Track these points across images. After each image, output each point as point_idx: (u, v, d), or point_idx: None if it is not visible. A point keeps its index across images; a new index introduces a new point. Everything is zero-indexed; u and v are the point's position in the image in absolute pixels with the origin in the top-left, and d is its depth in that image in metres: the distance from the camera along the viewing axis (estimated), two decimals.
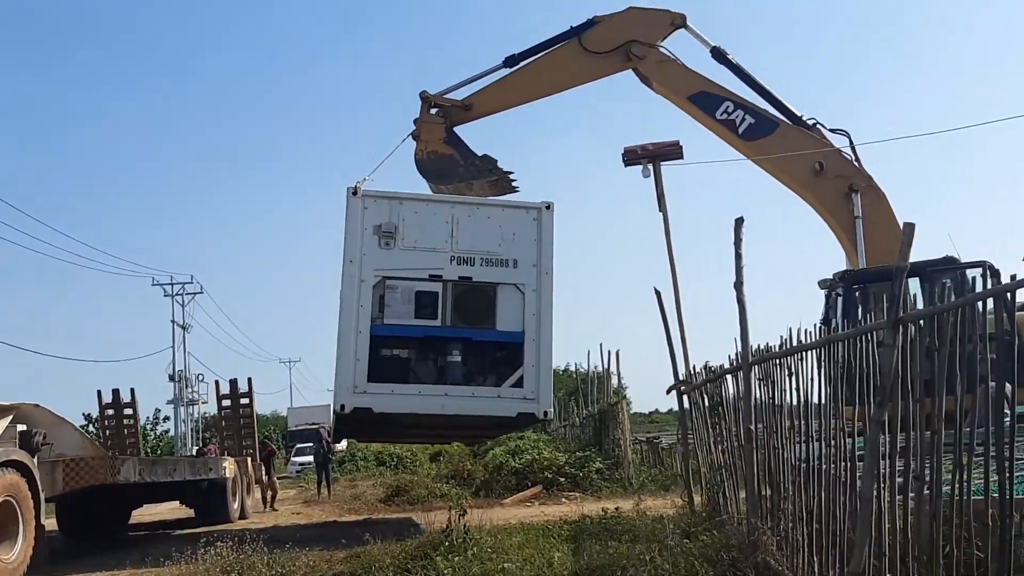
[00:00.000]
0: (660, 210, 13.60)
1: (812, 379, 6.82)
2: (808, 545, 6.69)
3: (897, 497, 5.43)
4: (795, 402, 7.07)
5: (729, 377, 9.11)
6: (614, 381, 24.52)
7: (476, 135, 15.55)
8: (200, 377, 53.05)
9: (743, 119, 15.15)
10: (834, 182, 14.83)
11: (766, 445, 7.79)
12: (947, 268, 13.04)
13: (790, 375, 7.15)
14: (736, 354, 8.45)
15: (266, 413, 55.29)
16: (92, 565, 11.49)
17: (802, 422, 6.98)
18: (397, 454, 32.42)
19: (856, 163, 15.02)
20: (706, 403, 10.65)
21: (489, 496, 19.11)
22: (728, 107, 15.21)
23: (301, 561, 8.77)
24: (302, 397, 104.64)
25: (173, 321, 52.10)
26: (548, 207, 12.81)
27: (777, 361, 7.44)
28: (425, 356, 12.74)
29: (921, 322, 5.34)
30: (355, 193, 12.60)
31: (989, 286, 11.55)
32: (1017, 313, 12.17)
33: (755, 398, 8.64)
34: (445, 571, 7.89)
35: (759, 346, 8.46)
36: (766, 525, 7.62)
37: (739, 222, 8.13)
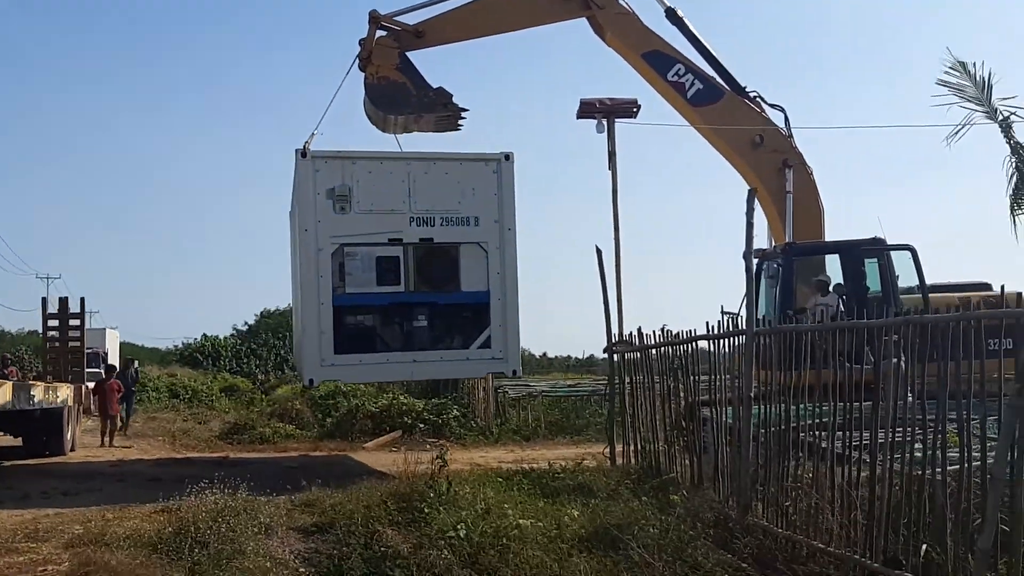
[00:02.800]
0: (609, 167, 13.57)
1: None
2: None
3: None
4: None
5: (705, 343, 9.30)
6: None
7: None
8: None
9: (692, 83, 15.24)
10: (771, 156, 15.18)
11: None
12: (875, 248, 13.75)
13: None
14: (724, 321, 8.79)
15: (11, 331, 52.29)
16: None
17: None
18: (192, 387, 32.22)
19: (790, 140, 15.45)
20: (652, 366, 10.87)
21: (345, 439, 18.90)
22: (679, 70, 15.25)
23: (268, 509, 8.30)
24: None
25: None
26: (507, 157, 12.51)
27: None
28: (391, 323, 12.49)
29: None
30: (304, 155, 12.06)
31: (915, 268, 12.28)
32: (936, 295, 13.05)
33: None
34: (453, 527, 7.65)
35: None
36: (755, 491, 7.88)
37: (752, 193, 8.34)
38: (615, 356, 12.26)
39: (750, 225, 8.76)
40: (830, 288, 13.69)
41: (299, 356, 12.91)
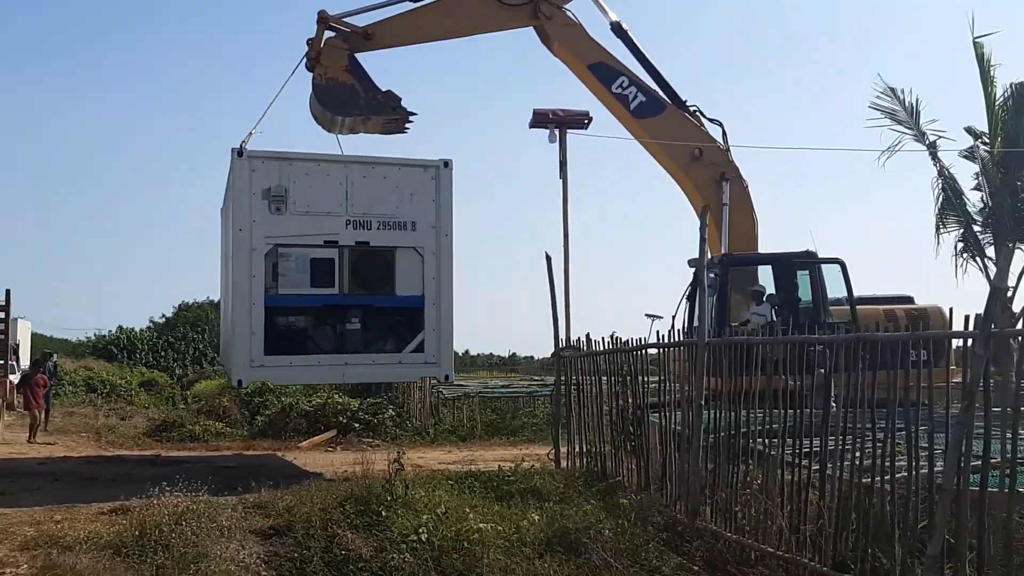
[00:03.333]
0: (560, 176, 13.85)
1: None
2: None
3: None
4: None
5: (656, 350, 9.63)
6: None
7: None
8: None
9: (636, 96, 15.60)
10: (709, 168, 15.64)
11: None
12: (806, 261, 14.40)
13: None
14: (676, 331, 9.16)
15: None
16: None
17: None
18: (110, 381, 31.55)
19: (727, 153, 15.97)
20: (600, 371, 11.17)
21: (279, 438, 18.79)
22: (623, 82, 15.60)
23: (227, 512, 8.25)
24: None
25: None
26: (446, 164, 12.59)
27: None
28: (323, 325, 12.42)
29: None
30: (241, 154, 11.94)
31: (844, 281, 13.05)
32: (862, 307, 13.72)
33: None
34: (414, 531, 7.74)
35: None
36: (704, 496, 8.21)
37: (706, 209, 8.69)
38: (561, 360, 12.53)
39: (703, 240, 9.13)
40: (764, 298, 14.27)
41: (228, 356, 12.70)
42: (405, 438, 18.73)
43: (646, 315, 17.80)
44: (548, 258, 12.20)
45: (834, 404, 7.13)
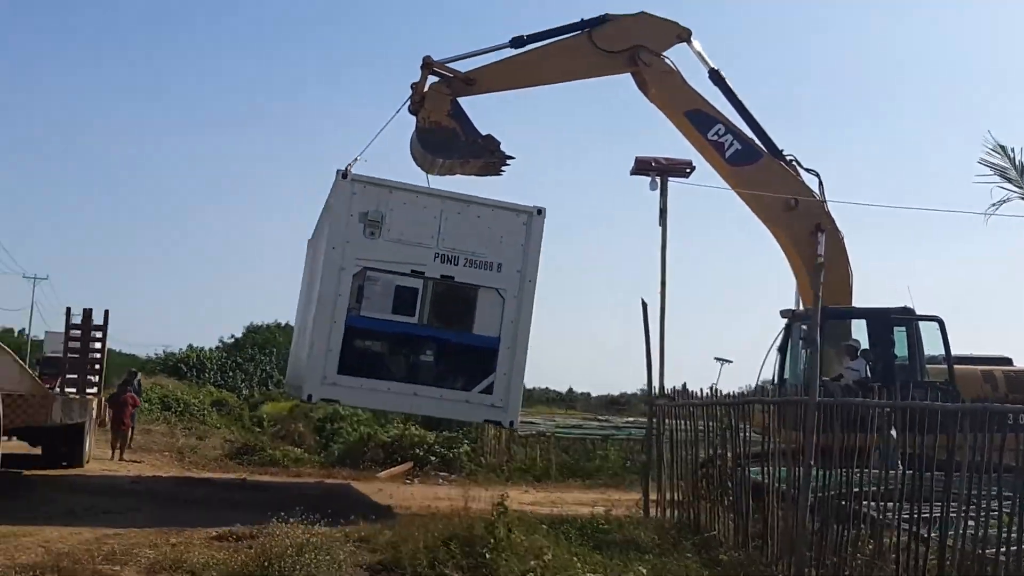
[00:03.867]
0: (660, 224, 13.88)
1: None
2: None
3: None
4: None
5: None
6: None
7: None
8: None
9: (731, 143, 15.59)
10: (804, 219, 15.50)
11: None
12: (904, 317, 14.14)
13: None
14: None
15: None
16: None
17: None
18: (184, 400, 31.99)
19: (823, 204, 15.84)
20: (696, 424, 11.12)
21: (356, 467, 19.00)
22: (720, 129, 15.61)
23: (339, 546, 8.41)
24: (42, 319, 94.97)
25: None
26: (540, 212, 12.74)
27: None
28: (398, 352, 12.58)
29: None
30: (345, 176, 12.30)
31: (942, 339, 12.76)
32: (960, 367, 13.45)
33: None
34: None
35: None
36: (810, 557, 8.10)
37: (820, 266, 8.65)
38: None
39: (817, 297, 9.08)
40: (858, 353, 14.05)
41: (299, 371, 12.89)
42: (479, 475, 18.78)
43: (715, 358, 17.71)
44: (644, 305, 12.25)
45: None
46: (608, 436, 21.89)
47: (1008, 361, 14.95)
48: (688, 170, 14.45)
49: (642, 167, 14.15)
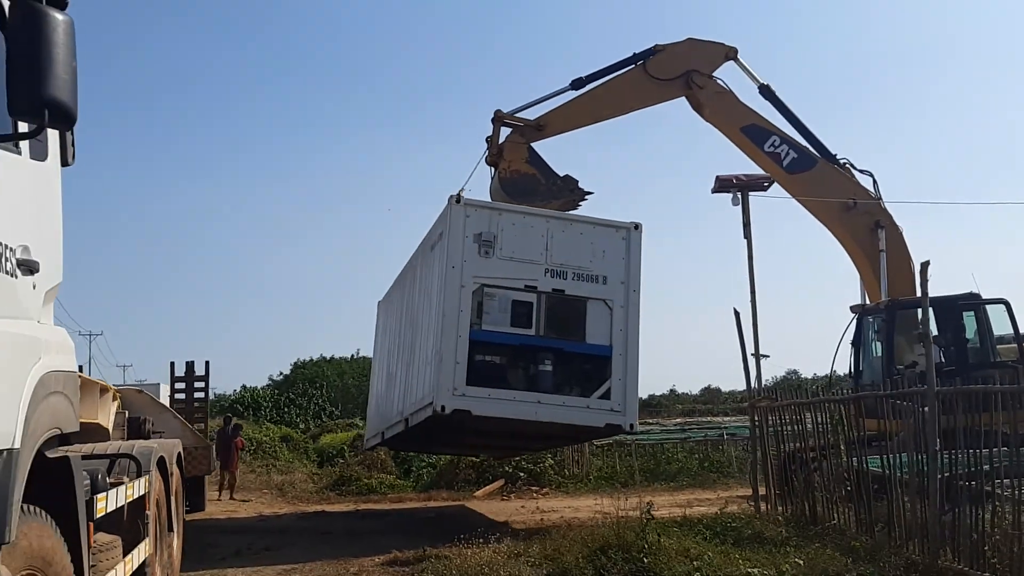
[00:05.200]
0: (745, 236, 14.76)
1: None
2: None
3: None
4: None
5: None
6: None
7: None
8: None
9: (787, 153, 16.48)
10: (863, 218, 16.35)
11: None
12: (971, 303, 14.91)
13: None
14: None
15: None
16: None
17: None
18: (256, 438, 32.10)
19: (880, 202, 16.67)
20: (804, 421, 11.95)
21: (451, 488, 19.88)
22: (775, 141, 16.50)
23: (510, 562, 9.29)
24: (99, 372, 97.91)
25: None
26: (637, 227, 13.65)
27: None
28: (517, 363, 13.28)
29: None
30: (458, 201, 13.21)
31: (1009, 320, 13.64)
32: (1003, 346, 14.20)
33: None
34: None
35: None
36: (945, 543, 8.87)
37: (925, 265, 9.46)
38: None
39: (925, 293, 9.87)
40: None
41: (431, 384, 13.65)
42: (568, 486, 19.63)
43: (752, 354, 18.49)
44: (737, 314, 13.10)
45: None
46: (685, 438, 22.67)
47: None
48: (767, 184, 15.29)
49: (724, 185, 15.04)
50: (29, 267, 4.07)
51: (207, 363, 18.62)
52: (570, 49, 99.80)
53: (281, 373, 53.72)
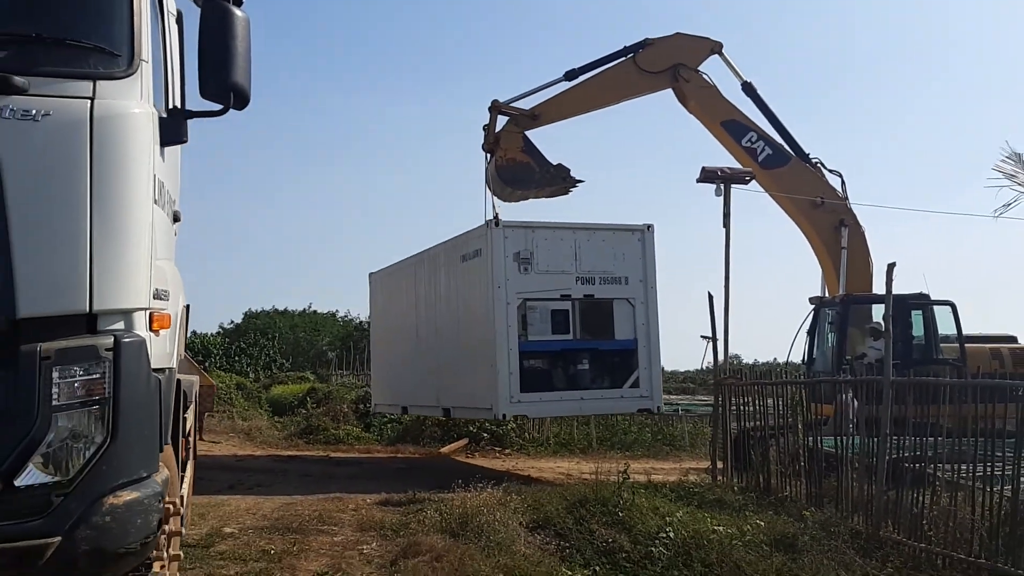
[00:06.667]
0: (724, 226, 15.72)
1: None
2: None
3: None
4: None
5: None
6: None
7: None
8: None
9: (763, 149, 17.45)
10: (829, 216, 17.43)
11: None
12: (920, 302, 16.10)
13: None
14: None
15: None
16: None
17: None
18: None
19: (846, 202, 17.76)
20: (765, 400, 12.97)
21: (416, 443, 20.69)
22: (752, 136, 17.46)
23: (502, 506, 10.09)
24: None
25: None
26: (649, 228, 15.02)
27: None
28: (558, 366, 14.60)
29: None
30: (496, 224, 14.25)
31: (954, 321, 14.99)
32: (970, 346, 15.56)
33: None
34: (660, 530, 9.45)
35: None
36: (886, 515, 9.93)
37: (891, 266, 10.42)
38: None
39: (889, 292, 10.82)
40: (880, 335, 16.00)
41: (491, 395, 14.50)
42: (529, 449, 20.48)
43: (702, 336, 19.71)
44: (711, 297, 14.03)
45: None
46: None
47: (1013, 339, 17.05)
48: (748, 178, 16.23)
49: (708, 176, 15.94)
50: (176, 217, 4.76)
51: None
52: (565, 41, 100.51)
53: (232, 322, 53.81)
